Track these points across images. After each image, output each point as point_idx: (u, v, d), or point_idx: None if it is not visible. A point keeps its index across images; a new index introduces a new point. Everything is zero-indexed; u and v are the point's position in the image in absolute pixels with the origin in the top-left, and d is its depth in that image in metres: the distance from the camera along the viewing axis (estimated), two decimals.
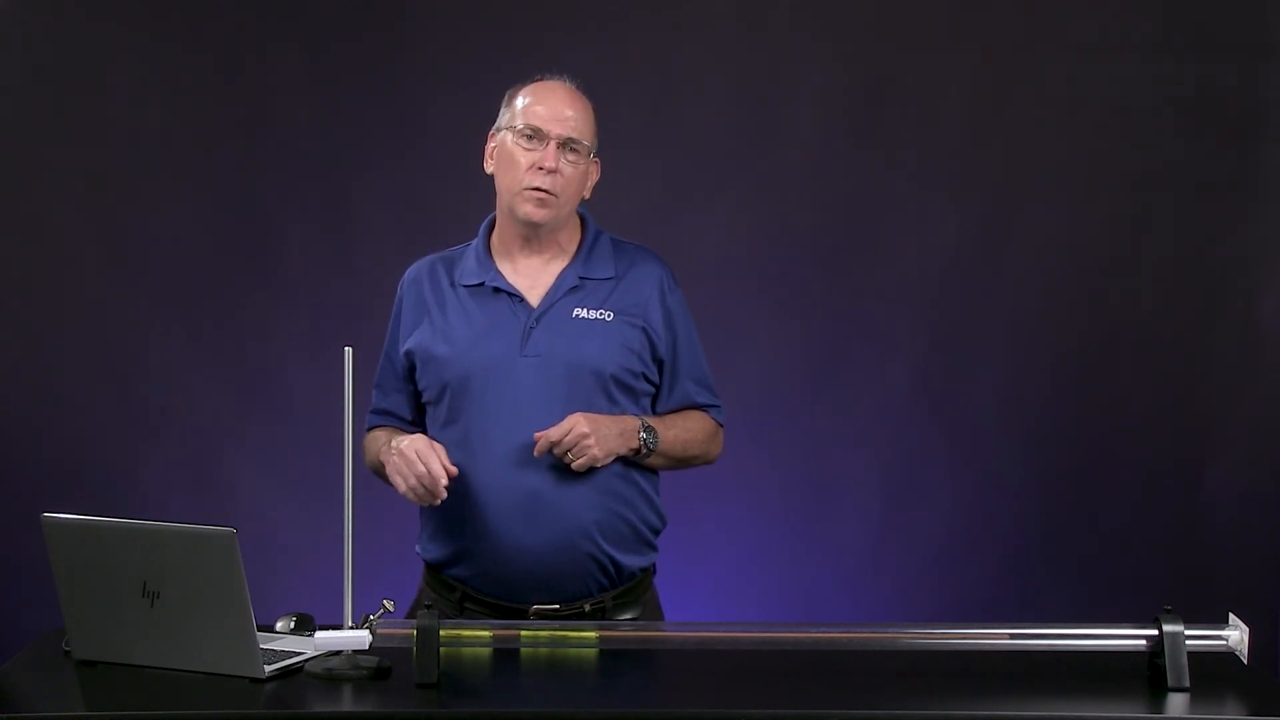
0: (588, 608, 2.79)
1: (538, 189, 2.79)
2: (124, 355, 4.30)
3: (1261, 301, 4.25)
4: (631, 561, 2.83)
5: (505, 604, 2.78)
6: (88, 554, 2.41)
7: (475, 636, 2.51)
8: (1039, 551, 4.29)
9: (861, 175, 4.31)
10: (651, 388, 2.88)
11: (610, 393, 2.80)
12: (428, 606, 2.47)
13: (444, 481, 2.67)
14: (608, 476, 2.78)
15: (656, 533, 2.89)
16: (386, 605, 2.39)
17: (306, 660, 2.43)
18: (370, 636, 2.36)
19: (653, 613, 2.90)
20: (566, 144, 2.81)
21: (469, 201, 4.23)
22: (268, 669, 2.36)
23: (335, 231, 4.31)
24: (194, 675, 2.37)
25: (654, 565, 2.92)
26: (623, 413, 2.81)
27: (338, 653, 2.38)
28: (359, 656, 2.38)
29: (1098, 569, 4.27)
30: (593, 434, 2.70)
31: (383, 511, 3.64)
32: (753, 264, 4.30)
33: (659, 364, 2.88)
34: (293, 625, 2.61)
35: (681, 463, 2.89)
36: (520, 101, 2.85)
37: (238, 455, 4.31)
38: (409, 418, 2.92)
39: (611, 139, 4.49)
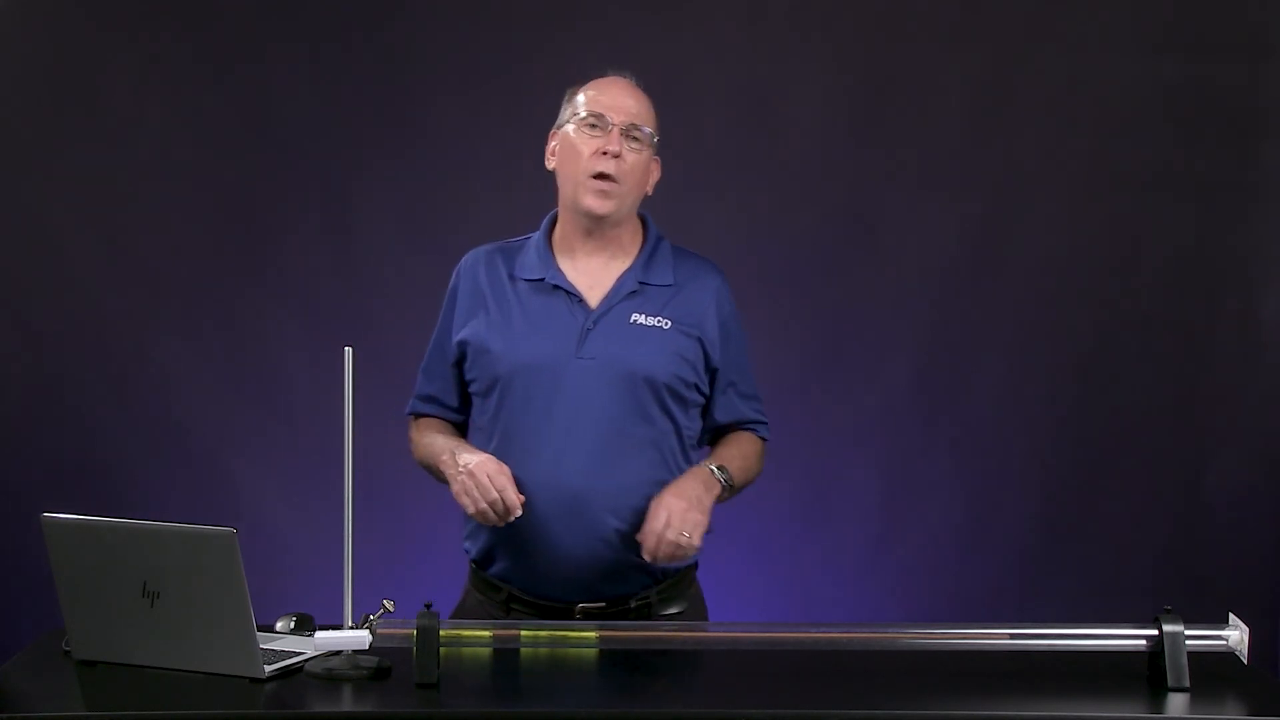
0: (633, 604, 2.79)
1: (601, 175, 2.79)
2: (124, 355, 4.30)
3: (1261, 301, 4.25)
4: (671, 564, 2.81)
5: (551, 603, 2.78)
6: (88, 554, 2.41)
7: (475, 636, 2.51)
8: (1039, 551, 4.29)
9: (861, 175, 4.31)
10: (702, 398, 2.88)
11: (663, 401, 2.80)
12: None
13: (518, 513, 2.67)
14: (656, 484, 2.76)
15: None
16: (386, 605, 2.39)
17: (306, 660, 2.43)
18: (370, 636, 2.36)
19: (697, 607, 2.89)
20: (629, 130, 2.81)
21: (469, 201, 4.27)
22: (268, 669, 2.36)
23: (335, 231, 4.31)
24: (194, 675, 2.36)
25: (696, 561, 2.90)
26: (670, 421, 2.81)
27: (338, 653, 2.38)
28: (359, 656, 2.38)
29: (1098, 569, 4.27)
30: (684, 500, 2.69)
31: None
32: (752, 264, 4.29)
33: (711, 375, 2.87)
34: (293, 625, 2.61)
35: (741, 491, 2.88)
36: (582, 95, 2.86)
37: (238, 455, 4.31)
38: (455, 405, 2.91)
39: None
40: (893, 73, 4.28)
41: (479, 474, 2.67)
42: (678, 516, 2.66)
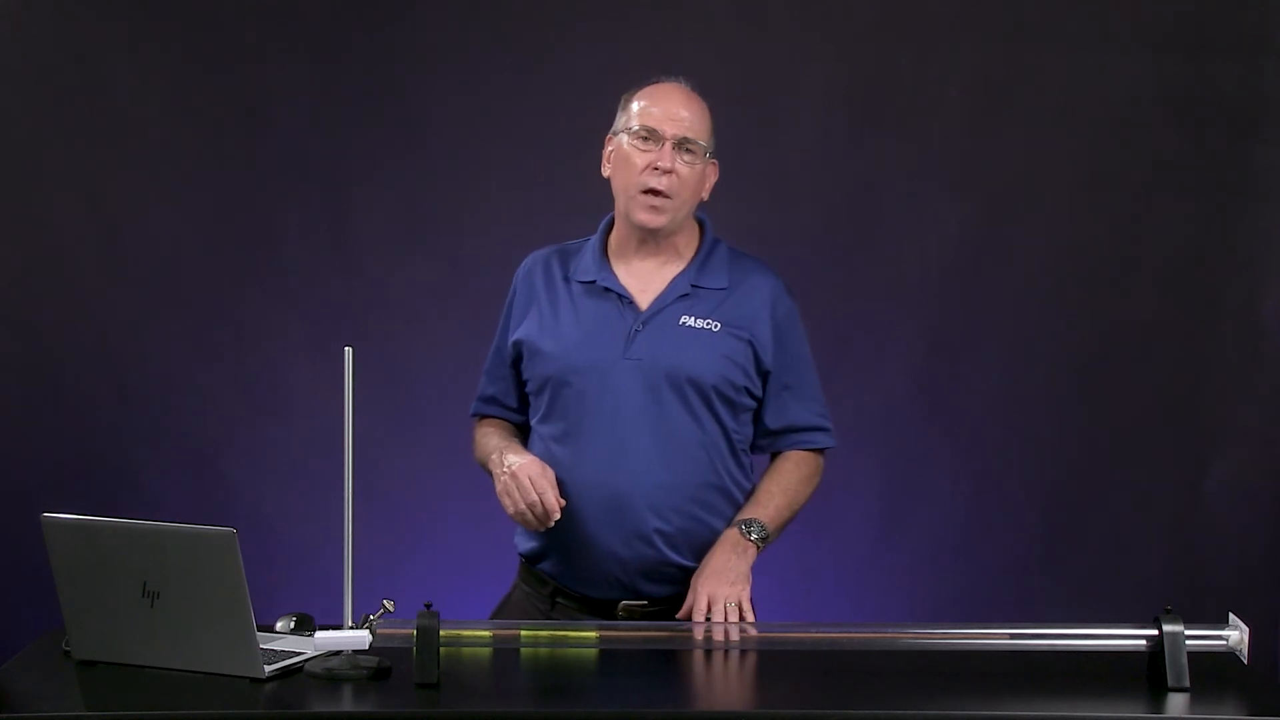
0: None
1: (653, 190, 2.79)
2: (124, 355, 4.30)
3: (1262, 301, 4.24)
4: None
5: (595, 599, 2.81)
6: (88, 554, 2.41)
7: (475, 636, 2.51)
8: (1039, 551, 4.29)
9: (861, 175, 4.31)
10: (754, 402, 2.88)
11: (710, 403, 2.80)
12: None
13: (556, 516, 2.70)
14: (703, 487, 2.80)
15: None
16: (386, 605, 2.39)
17: (306, 660, 2.43)
18: (370, 636, 2.36)
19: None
20: (682, 144, 2.81)
21: (469, 202, 4.28)
22: (268, 669, 2.36)
23: (335, 232, 4.31)
24: (194, 675, 2.37)
25: None
26: (718, 424, 2.81)
27: (338, 653, 2.38)
28: (359, 656, 2.38)
29: (1098, 569, 4.27)
30: (721, 580, 2.71)
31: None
32: None
33: (764, 377, 2.87)
34: (293, 625, 2.61)
35: (786, 525, 2.89)
36: (636, 105, 2.86)
37: (238, 455, 4.31)
38: (515, 405, 2.95)
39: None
40: (893, 72, 4.27)
41: (521, 476, 2.70)
42: (719, 601, 2.69)
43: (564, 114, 4.08)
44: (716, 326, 2.83)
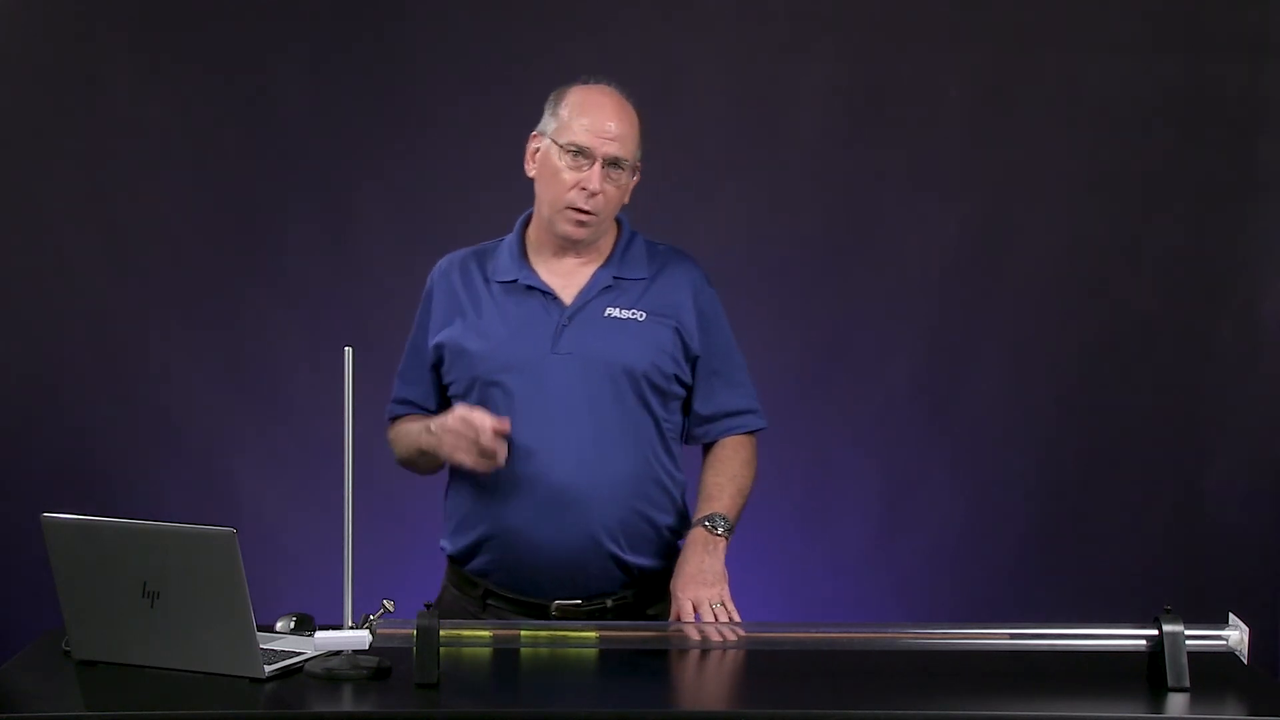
0: (610, 604, 2.79)
1: (579, 209, 2.79)
2: (124, 355, 4.30)
3: (1262, 301, 4.25)
4: (651, 564, 2.83)
5: (527, 600, 2.79)
6: (88, 554, 2.41)
7: (475, 636, 2.51)
8: (1039, 551, 4.29)
9: (861, 175, 4.31)
10: (683, 390, 2.88)
11: (642, 393, 2.80)
12: (428, 606, 2.46)
13: (506, 430, 2.67)
14: (640, 479, 2.79)
15: (679, 536, 2.88)
16: (386, 605, 2.39)
17: (306, 660, 2.43)
18: (370, 636, 2.36)
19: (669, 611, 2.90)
20: (612, 163, 2.79)
21: (469, 202, 4.27)
22: (268, 669, 2.36)
23: (335, 231, 4.31)
24: (194, 675, 2.36)
25: (671, 566, 2.89)
26: (649, 415, 2.81)
27: (338, 653, 2.38)
28: (359, 656, 2.38)
29: (1098, 569, 4.27)
30: (700, 582, 2.72)
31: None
32: (752, 264, 4.30)
33: (692, 364, 2.87)
34: (293, 625, 2.61)
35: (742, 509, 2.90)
36: (566, 111, 2.82)
37: (237, 455, 4.31)
38: (434, 408, 2.92)
39: None
40: (892, 73, 4.28)
41: (452, 423, 2.69)
42: (704, 604, 2.69)
43: None
44: (642, 316, 2.82)
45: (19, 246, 4.28)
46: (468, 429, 2.68)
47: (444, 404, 2.90)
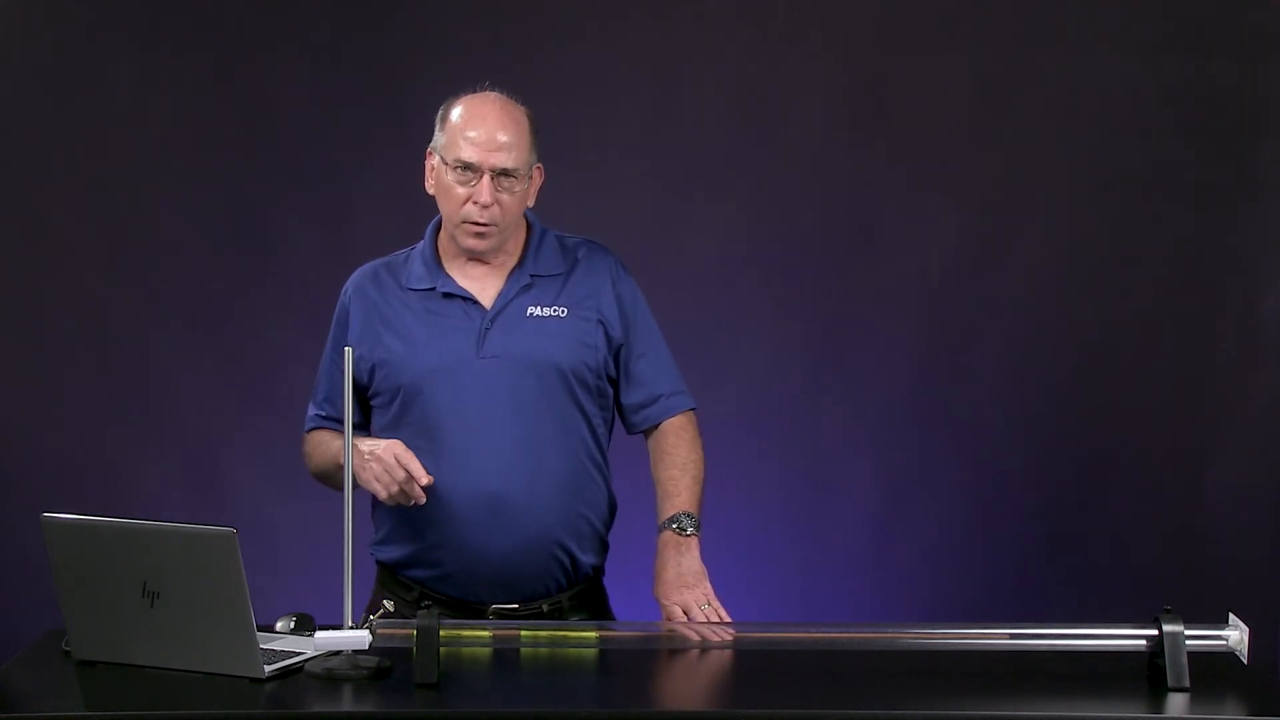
0: (545, 608, 2.79)
1: (476, 223, 2.77)
2: (124, 355, 4.30)
3: (1261, 301, 4.24)
4: (589, 560, 2.84)
5: (464, 602, 2.78)
6: (88, 554, 2.41)
7: (475, 636, 2.51)
8: (1039, 551, 4.29)
9: (861, 175, 4.31)
10: (609, 385, 2.87)
11: (572, 390, 2.80)
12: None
13: (426, 481, 2.66)
14: (575, 478, 2.79)
15: (609, 529, 2.89)
16: (387, 605, 2.39)
17: (306, 660, 2.43)
18: (370, 636, 2.36)
19: (603, 612, 2.90)
20: (501, 174, 2.76)
21: None
22: (268, 669, 2.36)
23: (335, 231, 4.31)
24: (194, 675, 2.36)
25: (602, 567, 2.91)
26: (580, 412, 2.80)
27: (338, 653, 2.38)
28: (359, 656, 2.38)
29: (1098, 569, 4.27)
30: (684, 586, 2.72)
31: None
32: (752, 264, 4.30)
33: (616, 353, 2.86)
34: (293, 625, 2.60)
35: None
36: (452, 125, 2.81)
37: (238, 455, 4.31)
38: (354, 422, 2.89)
39: (610, 138, 4.50)
40: (893, 73, 4.28)
41: (385, 456, 2.66)
42: (692, 607, 2.70)
43: (564, 115, 4.08)
44: (564, 312, 2.81)
45: (19, 246, 4.28)
46: (397, 471, 2.65)
47: (364, 414, 2.87)
